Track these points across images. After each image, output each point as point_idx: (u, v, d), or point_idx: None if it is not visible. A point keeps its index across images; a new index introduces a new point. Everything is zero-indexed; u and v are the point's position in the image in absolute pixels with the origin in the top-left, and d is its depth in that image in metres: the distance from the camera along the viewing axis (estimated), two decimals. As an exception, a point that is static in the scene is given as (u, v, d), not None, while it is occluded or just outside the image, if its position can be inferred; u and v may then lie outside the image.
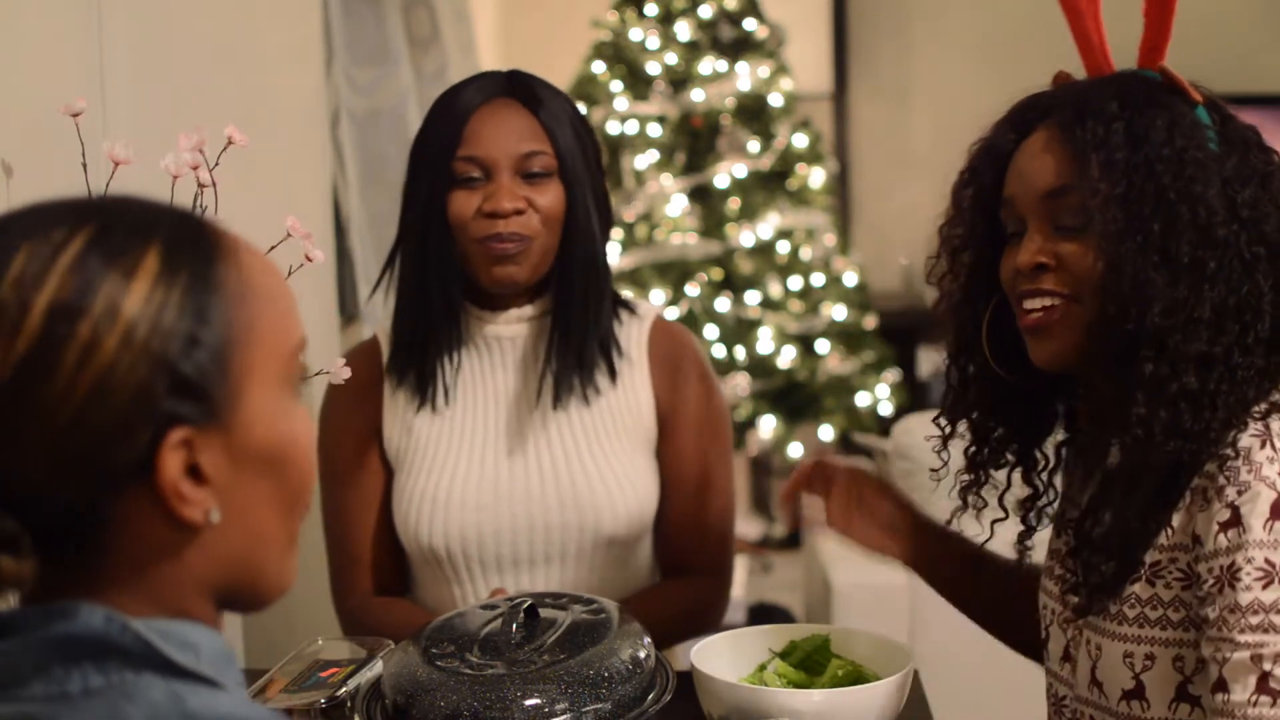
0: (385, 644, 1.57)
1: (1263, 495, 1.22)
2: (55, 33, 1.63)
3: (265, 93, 2.31)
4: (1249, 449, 1.24)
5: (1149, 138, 1.30)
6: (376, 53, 3.41)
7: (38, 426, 0.81)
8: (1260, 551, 1.20)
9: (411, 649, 1.50)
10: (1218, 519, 1.23)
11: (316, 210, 2.62)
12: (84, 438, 0.81)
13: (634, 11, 4.50)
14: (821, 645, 1.54)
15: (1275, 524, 1.20)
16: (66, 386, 0.81)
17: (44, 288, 0.81)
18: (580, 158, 1.80)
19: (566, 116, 1.81)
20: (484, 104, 1.79)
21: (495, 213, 1.75)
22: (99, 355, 0.81)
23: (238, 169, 1.57)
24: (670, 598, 1.85)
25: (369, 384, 1.86)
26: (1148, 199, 1.29)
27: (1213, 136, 1.32)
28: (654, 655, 1.52)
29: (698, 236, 4.37)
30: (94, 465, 0.82)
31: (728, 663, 1.54)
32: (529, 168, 1.77)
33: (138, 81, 1.79)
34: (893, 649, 1.52)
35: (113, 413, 0.82)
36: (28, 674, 0.83)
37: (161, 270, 0.84)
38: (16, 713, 0.83)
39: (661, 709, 1.47)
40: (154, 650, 0.84)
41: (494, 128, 1.77)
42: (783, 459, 4.57)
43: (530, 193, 1.77)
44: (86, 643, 0.83)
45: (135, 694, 0.83)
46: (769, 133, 4.45)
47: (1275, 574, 1.19)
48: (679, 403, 1.87)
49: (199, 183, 1.52)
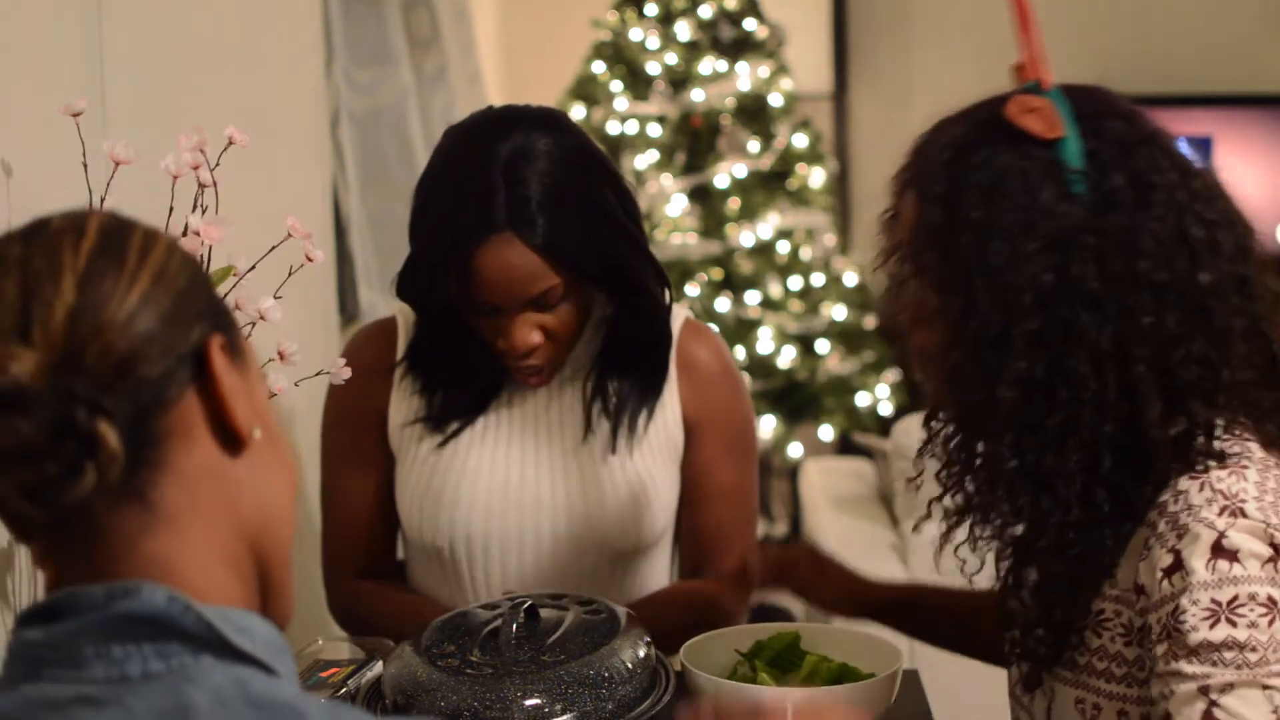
0: (385, 644, 1.57)
1: (1203, 536, 1.20)
2: (55, 33, 1.63)
3: (265, 93, 2.31)
4: (1186, 492, 1.23)
5: (961, 200, 1.26)
6: (376, 53, 3.41)
7: (122, 296, 0.87)
8: (1205, 592, 1.19)
9: (411, 649, 1.50)
10: (1160, 566, 1.22)
11: (316, 210, 2.62)
12: (155, 312, 0.88)
13: (634, 11, 4.50)
14: (791, 643, 1.54)
15: (1217, 563, 1.19)
16: (135, 265, 0.88)
17: (89, 224, 0.90)
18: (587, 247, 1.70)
19: (572, 206, 1.68)
20: (481, 244, 1.66)
21: (510, 353, 1.72)
22: (154, 252, 0.90)
23: (238, 169, 1.57)
24: (688, 600, 1.82)
25: (380, 366, 1.83)
26: (950, 273, 1.26)
27: (1075, 178, 1.25)
28: (654, 655, 1.52)
29: (698, 236, 4.37)
30: (185, 341, 0.89)
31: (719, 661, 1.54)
32: (544, 303, 1.70)
33: (138, 81, 1.79)
34: (882, 647, 1.52)
35: (173, 298, 0.89)
36: (87, 656, 0.84)
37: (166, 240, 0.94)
38: (75, 694, 0.84)
39: (661, 709, 1.47)
40: (215, 632, 0.85)
41: (497, 273, 1.66)
42: (783, 459, 4.57)
43: (545, 320, 1.71)
44: (147, 623, 0.85)
45: (198, 678, 0.84)
46: (769, 133, 4.45)
47: (1221, 612, 1.18)
48: (708, 412, 1.83)
49: (199, 183, 1.52)
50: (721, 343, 1.89)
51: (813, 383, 4.39)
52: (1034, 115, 1.27)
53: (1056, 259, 1.23)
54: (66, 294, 0.86)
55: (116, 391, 0.86)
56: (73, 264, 0.87)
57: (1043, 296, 1.23)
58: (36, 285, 0.86)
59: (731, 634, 1.58)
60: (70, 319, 0.85)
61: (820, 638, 1.57)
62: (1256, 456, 1.26)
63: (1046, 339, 1.23)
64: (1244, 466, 1.24)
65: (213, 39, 2.09)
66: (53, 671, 0.85)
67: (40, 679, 0.85)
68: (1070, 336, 1.23)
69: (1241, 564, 1.19)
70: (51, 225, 0.91)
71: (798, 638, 1.55)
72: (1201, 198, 1.29)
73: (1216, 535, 1.20)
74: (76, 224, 0.90)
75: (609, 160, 1.79)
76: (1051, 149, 1.26)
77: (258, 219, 1.59)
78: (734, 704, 1.40)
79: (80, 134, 1.48)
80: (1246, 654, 1.17)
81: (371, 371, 1.81)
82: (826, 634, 1.59)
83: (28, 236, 0.90)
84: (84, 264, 0.87)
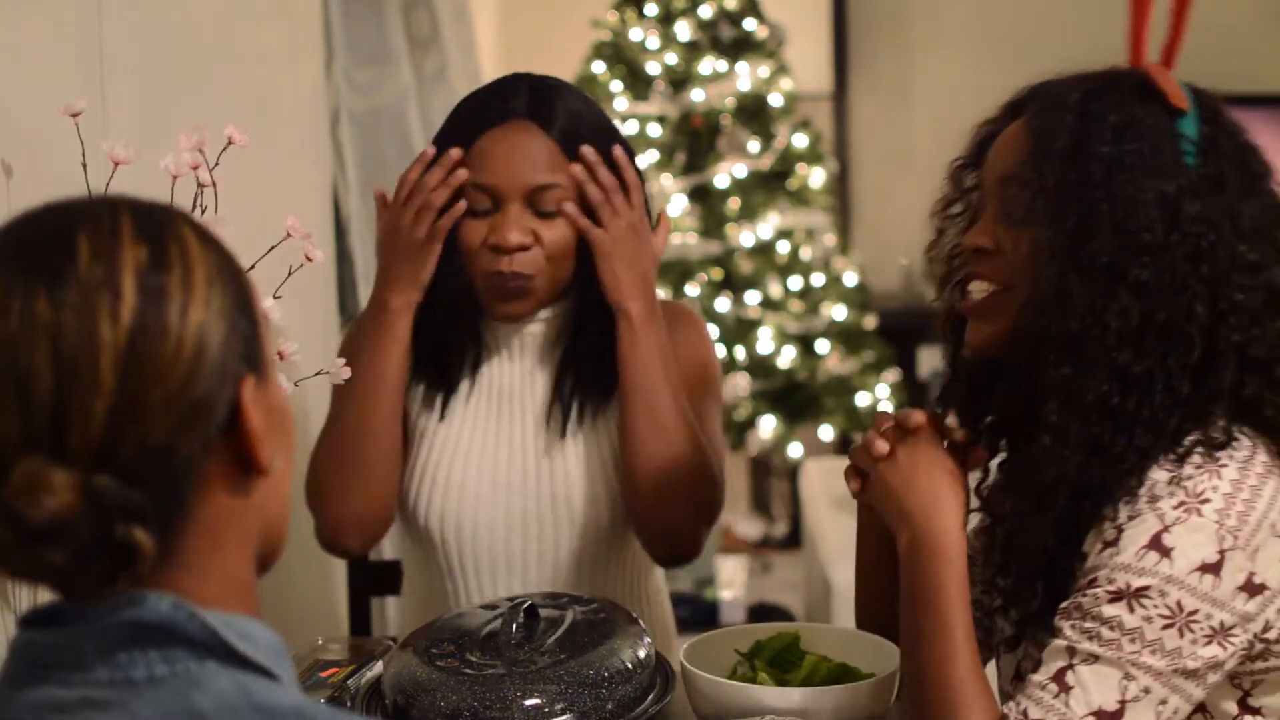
0: (385, 644, 1.58)
1: (1147, 524, 1.23)
2: (55, 33, 1.63)
3: (265, 93, 2.31)
4: (1155, 483, 1.25)
5: (1092, 133, 1.30)
6: (376, 53, 3.41)
7: (158, 386, 0.82)
8: (1123, 574, 1.23)
9: (411, 649, 1.50)
10: (1104, 538, 1.26)
11: (316, 210, 2.62)
12: (197, 389, 0.84)
13: (634, 11, 4.50)
14: (791, 643, 1.54)
15: (1147, 553, 1.22)
16: (176, 342, 0.83)
17: (123, 261, 0.83)
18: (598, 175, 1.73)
19: (589, 134, 1.74)
20: (499, 125, 1.72)
21: (499, 246, 1.71)
22: (193, 309, 0.84)
23: (238, 169, 1.57)
24: None
25: None
26: (1073, 195, 1.28)
27: (1189, 149, 1.30)
28: (654, 655, 1.52)
29: (698, 236, 4.37)
30: (205, 416, 0.85)
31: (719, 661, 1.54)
32: (541, 203, 1.71)
33: (138, 81, 1.79)
34: (882, 647, 1.52)
35: (214, 363, 0.85)
36: (91, 659, 0.84)
37: (199, 237, 0.88)
38: (79, 697, 0.84)
39: (661, 709, 1.47)
40: (219, 639, 0.85)
41: (506, 153, 1.71)
42: (783, 459, 4.56)
43: (539, 226, 1.71)
44: (153, 629, 0.84)
45: (203, 682, 0.84)
46: (769, 133, 4.45)
47: (1126, 595, 1.22)
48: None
49: (199, 183, 1.52)
50: (689, 306, 1.89)
51: (813, 383, 4.39)
52: (1170, 82, 1.33)
53: (1170, 215, 1.28)
54: (107, 383, 0.81)
55: (152, 482, 0.83)
56: (112, 337, 0.81)
57: (1156, 244, 1.27)
58: (72, 372, 0.80)
59: (731, 634, 1.58)
60: (110, 415, 0.81)
61: (820, 638, 1.57)
62: (1242, 453, 1.27)
63: (1151, 286, 1.27)
64: (1223, 465, 1.25)
65: (213, 39, 2.09)
66: (58, 674, 0.85)
67: (46, 681, 0.85)
68: (1173, 289, 1.27)
69: (1171, 561, 1.22)
70: (79, 264, 0.82)
71: (798, 638, 1.55)
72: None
73: (1160, 528, 1.23)
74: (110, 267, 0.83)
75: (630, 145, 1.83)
76: (1175, 117, 1.31)
77: (258, 219, 1.59)
78: None
79: (80, 134, 1.48)
80: (1124, 639, 1.21)
81: None
82: (826, 634, 1.59)
83: (54, 279, 0.82)
84: (125, 340, 0.82)
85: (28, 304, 0.81)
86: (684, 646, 1.52)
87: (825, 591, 3.10)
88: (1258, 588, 1.23)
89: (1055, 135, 1.31)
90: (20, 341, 0.80)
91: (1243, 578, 1.22)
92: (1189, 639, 1.21)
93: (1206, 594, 1.21)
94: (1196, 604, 1.21)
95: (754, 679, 1.49)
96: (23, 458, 0.80)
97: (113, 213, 0.86)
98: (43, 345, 0.80)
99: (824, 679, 1.49)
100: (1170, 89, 1.32)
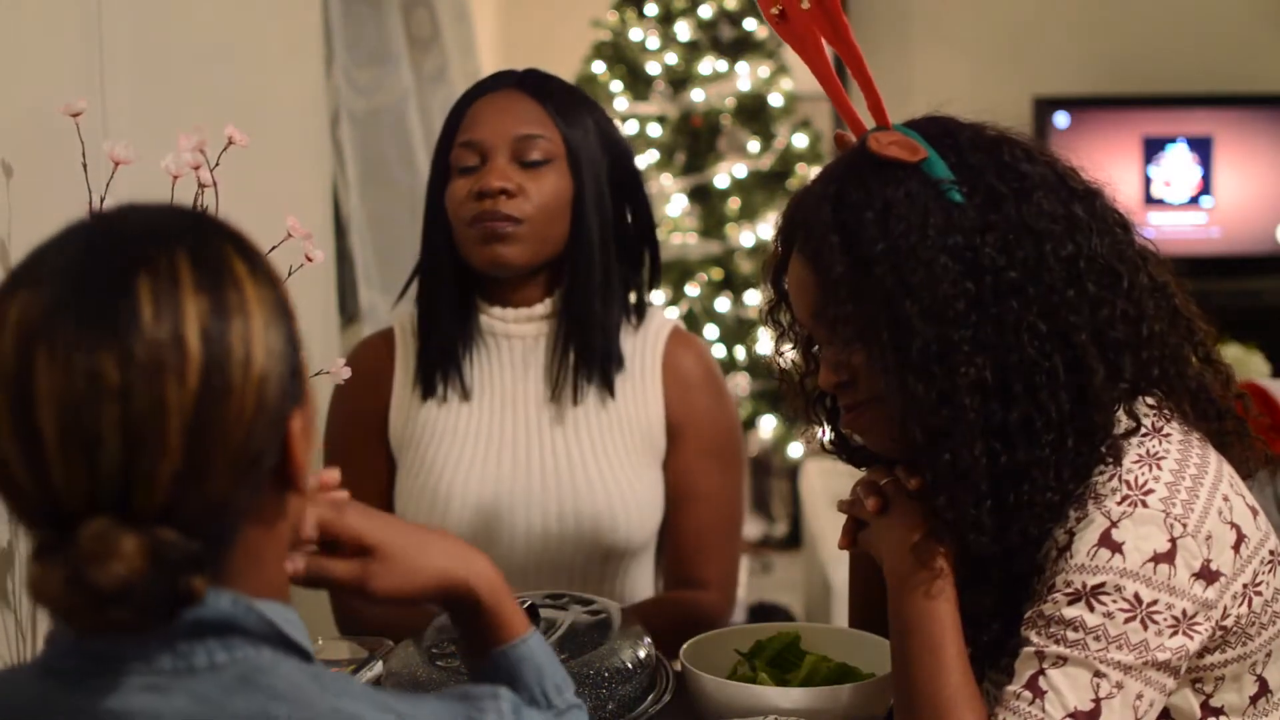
0: (385, 644, 1.57)
1: (1096, 523, 1.24)
2: (55, 33, 1.63)
3: (265, 93, 2.31)
4: (1096, 484, 1.26)
5: (859, 238, 1.28)
6: (376, 53, 3.41)
7: (222, 448, 0.84)
8: (1078, 575, 1.23)
9: (411, 649, 1.50)
10: (1058, 545, 1.26)
11: (316, 210, 2.62)
12: (256, 443, 0.85)
13: (634, 11, 4.50)
14: (791, 643, 1.54)
15: (1099, 551, 1.23)
16: (239, 402, 0.84)
17: (187, 316, 0.83)
18: (593, 151, 1.76)
19: (586, 116, 1.78)
20: (488, 93, 1.79)
21: (483, 191, 1.73)
22: (254, 363, 0.85)
23: (238, 169, 1.57)
24: (673, 609, 1.82)
25: (379, 373, 1.85)
26: (876, 307, 1.27)
27: (949, 188, 1.28)
28: (654, 655, 1.52)
29: (698, 236, 4.37)
30: (260, 464, 0.87)
31: (719, 661, 1.54)
32: (526, 153, 1.74)
33: (138, 81, 1.79)
34: (882, 647, 1.52)
35: (272, 412, 0.86)
36: (154, 652, 0.87)
37: (250, 271, 0.88)
38: (145, 684, 0.87)
39: (661, 709, 1.47)
40: (275, 628, 0.90)
41: (493, 113, 1.76)
42: (782, 459, 4.56)
43: (525, 178, 1.74)
44: (213, 624, 0.88)
45: (268, 667, 0.89)
46: (769, 133, 4.45)
47: (1084, 594, 1.23)
48: (690, 416, 1.83)
49: (199, 183, 1.52)
50: (707, 350, 1.91)
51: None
52: (895, 144, 1.30)
53: (969, 261, 1.26)
54: (174, 452, 0.82)
55: (210, 532, 0.85)
56: (179, 401, 0.82)
57: (971, 300, 1.25)
58: (140, 437, 0.81)
59: (731, 634, 1.58)
60: (176, 477, 0.82)
61: (820, 638, 1.57)
62: (1176, 440, 1.28)
63: (986, 339, 1.25)
64: (1160, 457, 1.26)
65: (213, 39, 2.09)
66: (116, 665, 0.87)
67: (102, 672, 0.87)
68: (1007, 328, 1.25)
69: (1123, 555, 1.22)
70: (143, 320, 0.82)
71: (798, 638, 1.55)
72: (1068, 175, 1.33)
73: (1108, 525, 1.23)
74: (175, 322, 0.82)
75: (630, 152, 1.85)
76: (919, 170, 1.29)
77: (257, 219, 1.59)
78: None
79: (80, 134, 1.48)
80: (1088, 638, 1.22)
81: (372, 376, 1.84)
82: (826, 634, 1.59)
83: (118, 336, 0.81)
84: (191, 404, 0.82)
85: (93, 363, 0.81)
86: (684, 646, 1.52)
87: (825, 591, 3.10)
88: (1214, 574, 1.23)
89: (829, 261, 1.29)
90: (87, 404, 0.81)
91: (1198, 565, 1.23)
92: (1154, 630, 1.21)
93: (1164, 583, 1.22)
94: (1155, 594, 1.22)
95: (754, 679, 1.49)
96: (89, 517, 0.81)
97: (169, 255, 0.85)
98: (110, 410, 0.81)
99: (824, 679, 1.49)
100: (897, 153, 1.30)
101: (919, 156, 1.29)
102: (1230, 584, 1.25)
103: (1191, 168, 4.73)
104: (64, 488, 0.81)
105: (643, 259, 1.85)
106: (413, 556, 1.09)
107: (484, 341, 1.83)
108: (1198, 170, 4.72)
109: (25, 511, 0.84)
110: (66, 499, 0.82)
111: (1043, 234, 1.27)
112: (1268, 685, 1.31)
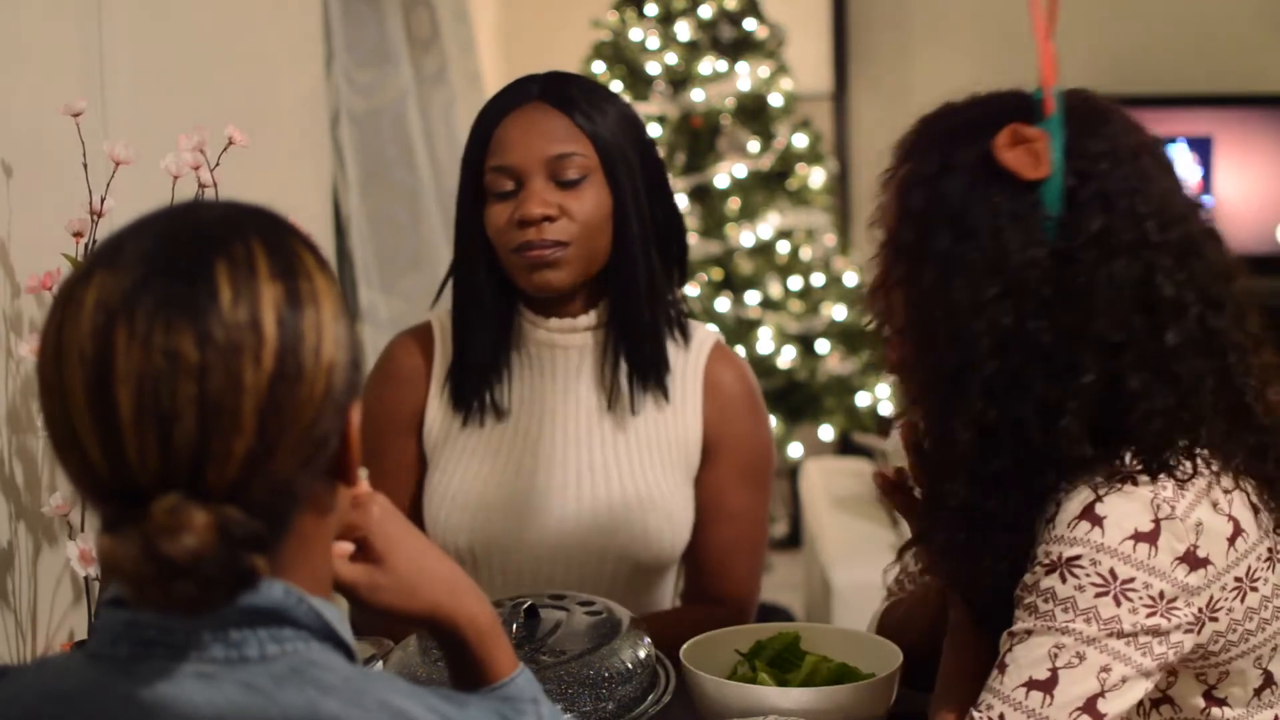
0: (385, 644, 1.57)
1: (1080, 495, 1.23)
2: (55, 33, 1.63)
3: (265, 93, 2.31)
4: (1093, 464, 1.25)
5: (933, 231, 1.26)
6: (376, 53, 3.41)
7: (292, 429, 0.86)
8: (1056, 545, 1.23)
9: (412, 649, 1.50)
10: (1046, 515, 1.26)
11: (316, 210, 2.62)
12: (322, 428, 0.88)
13: (634, 11, 4.49)
14: (791, 643, 1.54)
15: (1079, 524, 1.22)
16: (310, 387, 0.87)
17: (264, 301, 0.86)
18: (625, 153, 1.73)
19: (612, 114, 1.74)
20: (513, 110, 1.73)
21: (525, 220, 1.69)
22: (324, 351, 0.88)
23: (238, 169, 1.57)
24: (691, 622, 1.76)
25: (417, 370, 1.83)
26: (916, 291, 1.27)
27: (1048, 223, 1.23)
28: (654, 655, 1.52)
29: (698, 236, 4.37)
30: (324, 448, 0.89)
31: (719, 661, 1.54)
32: (563, 173, 1.70)
33: (138, 81, 1.79)
34: (882, 647, 1.52)
35: (338, 399, 0.89)
36: (206, 640, 0.89)
37: (318, 264, 0.91)
38: (196, 671, 0.88)
39: (661, 709, 1.47)
40: (323, 621, 0.91)
41: (522, 133, 1.71)
42: (783, 459, 4.56)
43: (564, 199, 1.70)
44: (265, 614, 0.89)
45: (320, 660, 0.90)
46: (769, 133, 4.45)
47: (1059, 566, 1.22)
48: (728, 434, 1.82)
49: (199, 183, 1.52)
50: (749, 370, 1.89)
51: (813, 383, 4.39)
52: (1022, 151, 1.24)
53: (1012, 306, 1.23)
54: (247, 431, 0.84)
55: (274, 513, 0.88)
56: (255, 382, 0.85)
57: (997, 343, 1.23)
58: (216, 415, 0.84)
59: (731, 634, 1.58)
60: (248, 456, 0.85)
61: (820, 638, 1.57)
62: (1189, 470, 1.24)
63: (998, 386, 1.24)
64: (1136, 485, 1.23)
65: (213, 39, 2.09)
66: (167, 651, 0.88)
67: (152, 658, 0.89)
68: (1019, 386, 1.24)
69: (1102, 530, 1.21)
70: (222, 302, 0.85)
71: (798, 638, 1.55)
72: (1179, 250, 1.26)
73: (1093, 498, 1.22)
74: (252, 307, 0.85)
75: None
76: (1030, 191, 1.24)
77: (258, 219, 1.59)
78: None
79: (80, 134, 1.48)
80: (1056, 609, 1.21)
81: (410, 372, 1.82)
82: (826, 634, 1.59)
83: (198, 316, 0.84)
84: (266, 385, 0.85)
85: (173, 342, 0.83)
86: (684, 647, 1.52)
87: (825, 591, 3.10)
88: (1200, 560, 1.22)
89: (904, 223, 1.28)
90: (165, 381, 0.83)
91: (1182, 549, 1.22)
92: (1127, 608, 1.20)
93: (1142, 562, 1.21)
94: (1132, 572, 1.21)
95: (754, 679, 1.49)
96: (161, 493, 0.83)
97: (245, 242, 0.88)
98: (187, 387, 0.83)
99: (824, 679, 1.49)
100: (1017, 165, 1.23)
101: (1038, 174, 1.24)
102: (1221, 575, 1.24)
103: (1191, 168, 4.73)
104: (138, 463, 0.84)
105: (677, 255, 1.82)
106: (413, 579, 1.09)
107: (527, 350, 1.80)
108: (1197, 170, 4.72)
109: (95, 487, 0.86)
110: (140, 474, 0.84)
111: (1095, 311, 1.22)
112: (1273, 678, 1.31)
